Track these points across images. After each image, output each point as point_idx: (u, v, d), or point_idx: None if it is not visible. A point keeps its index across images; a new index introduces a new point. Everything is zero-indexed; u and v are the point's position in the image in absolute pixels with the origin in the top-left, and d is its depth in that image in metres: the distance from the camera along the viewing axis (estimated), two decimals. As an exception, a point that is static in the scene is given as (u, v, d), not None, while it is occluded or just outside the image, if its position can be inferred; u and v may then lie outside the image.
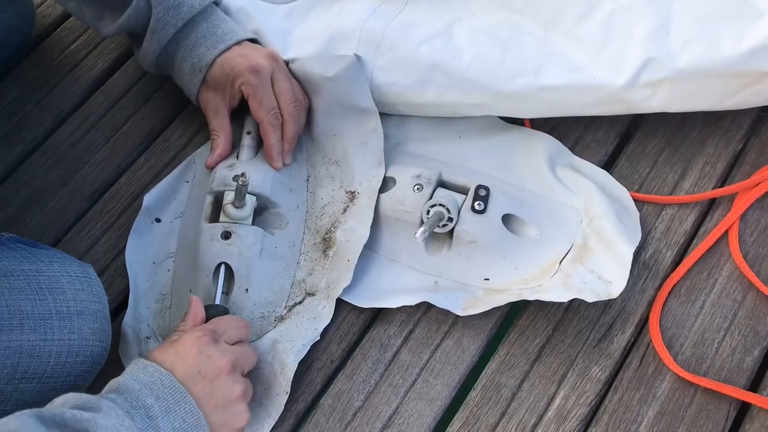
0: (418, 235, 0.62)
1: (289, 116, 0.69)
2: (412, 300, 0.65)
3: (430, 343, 0.65)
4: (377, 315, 0.66)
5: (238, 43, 0.70)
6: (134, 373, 0.52)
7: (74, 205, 0.73)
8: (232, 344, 0.57)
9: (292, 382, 0.61)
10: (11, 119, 0.77)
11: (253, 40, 0.72)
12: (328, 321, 0.65)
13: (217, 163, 0.70)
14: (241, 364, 0.57)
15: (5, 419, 0.46)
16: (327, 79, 0.69)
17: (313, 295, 0.66)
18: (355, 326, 0.66)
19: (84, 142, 0.76)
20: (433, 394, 0.62)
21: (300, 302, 0.66)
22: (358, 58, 0.70)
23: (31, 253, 0.59)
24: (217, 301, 0.63)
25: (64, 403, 0.49)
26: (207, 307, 0.61)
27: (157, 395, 0.51)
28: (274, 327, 0.65)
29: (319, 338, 0.64)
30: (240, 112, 0.73)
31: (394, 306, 0.65)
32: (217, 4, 0.73)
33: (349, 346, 0.65)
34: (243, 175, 0.63)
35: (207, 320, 0.60)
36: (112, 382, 0.52)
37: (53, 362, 0.55)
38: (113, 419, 0.48)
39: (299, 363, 0.62)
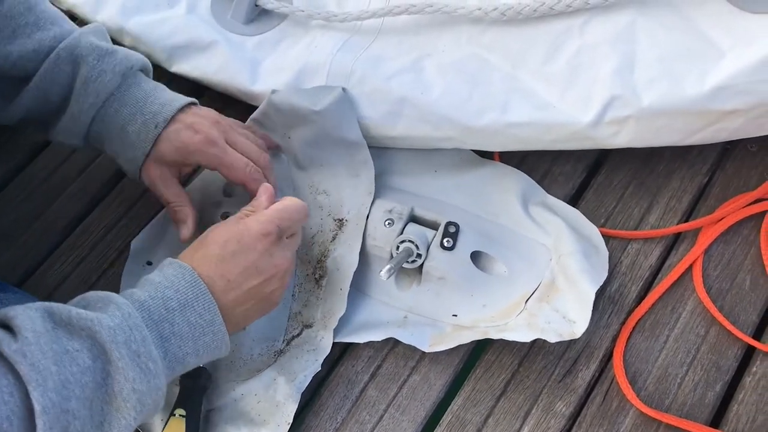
0: (383, 273, 0.63)
1: (266, 167, 0.67)
2: (379, 336, 0.66)
3: (397, 378, 0.65)
4: (345, 350, 0.67)
5: (187, 105, 0.65)
6: (161, 268, 0.55)
7: (46, 238, 0.73)
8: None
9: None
10: (-16, 152, 0.78)
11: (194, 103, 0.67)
12: (327, 351, 0.65)
13: (192, 235, 0.65)
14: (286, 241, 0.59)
15: (14, 310, 0.47)
16: (315, 113, 0.69)
17: (311, 326, 0.67)
18: (323, 362, 0.66)
19: (57, 175, 0.76)
20: (399, 430, 0.63)
21: (298, 335, 0.67)
22: (344, 90, 0.71)
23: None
24: None
25: (79, 301, 0.51)
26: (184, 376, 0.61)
27: (177, 288, 0.52)
28: (275, 362, 0.65)
29: (319, 369, 0.64)
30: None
31: (362, 341, 0.66)
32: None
33: (317, 382, 0.65)
34: None
35: (187, 390, 0.61)
36: (142, 279, 0.54)
37: None
38: (118, 319, 0.48)
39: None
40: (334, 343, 0.66)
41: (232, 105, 0.77)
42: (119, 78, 0.63)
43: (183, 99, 0.66)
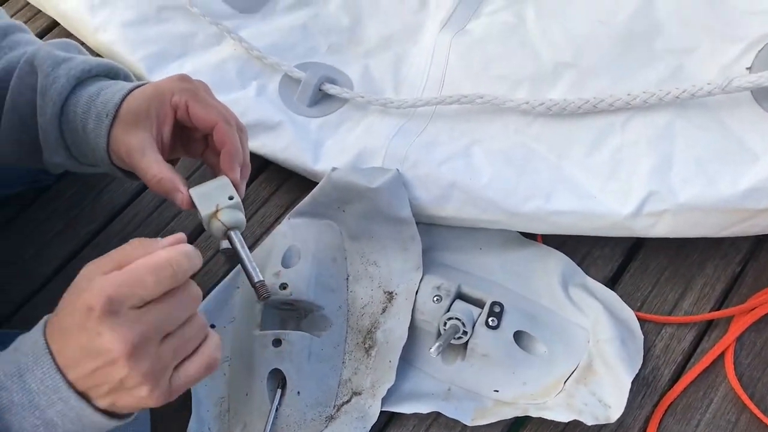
0: (432, 350, 0.68)
1: (236, 121, 0.59)
2: (424, 408, 0.70)
3: (440, 448, 0.70)
4: (391, 418, 0.71)
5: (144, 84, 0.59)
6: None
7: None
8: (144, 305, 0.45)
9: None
10: (68, 215, 0.84)
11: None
12: (375, 419, 0.69)
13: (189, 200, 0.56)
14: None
15: None
16: (370, 190, 0.74)
17: (360, 394, 0.71)
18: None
19: (133, 237, 0.82)
20: (442, 499, 0.67)
21: (347, 401, 0.71)
22: (398, 171, 0.76)
23: None
24: (270, 418, 0.68)
25: None
26: None
27: (17, 348, 0.45)
28: (326, 427, 0.70)
29: None
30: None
31: (408, 412, 0.70)
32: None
33: (365, 448, 0.70)
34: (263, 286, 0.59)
35: None
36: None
37: None
38: None
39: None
40: (380, 411, 0.70)
41: (294, 178, 0.83)
42: (73, 81, 0.57)
43: (139, 83, 0.59)
